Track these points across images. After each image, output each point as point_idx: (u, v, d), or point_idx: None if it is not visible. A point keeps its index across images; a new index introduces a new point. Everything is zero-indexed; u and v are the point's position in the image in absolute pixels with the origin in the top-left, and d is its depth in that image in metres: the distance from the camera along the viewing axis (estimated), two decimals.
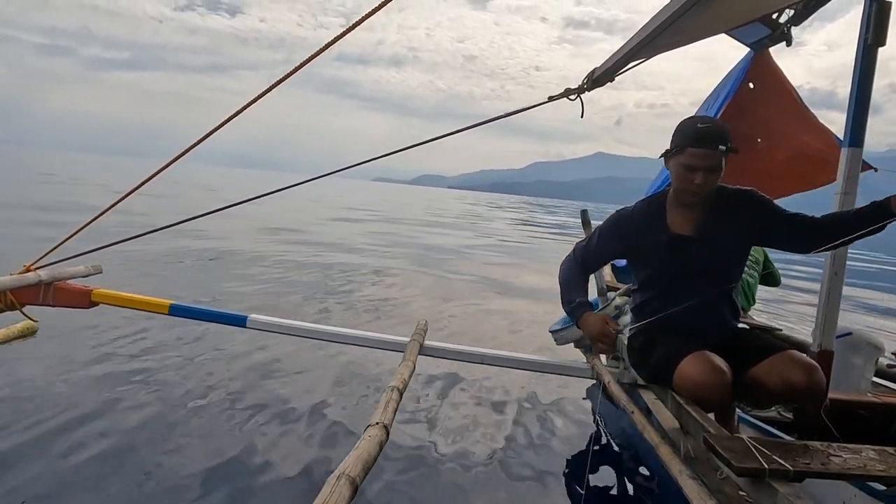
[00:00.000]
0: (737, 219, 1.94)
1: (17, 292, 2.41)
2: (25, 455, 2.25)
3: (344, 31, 2.01)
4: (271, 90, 2.16)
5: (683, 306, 1.91)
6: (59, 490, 2.05)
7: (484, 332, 5.16)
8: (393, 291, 6.63)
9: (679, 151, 1.86)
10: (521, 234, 19.71)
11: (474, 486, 2.34)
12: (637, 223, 2.05)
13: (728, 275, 1.98)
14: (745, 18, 2.59)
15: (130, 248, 3.21)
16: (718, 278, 1.95)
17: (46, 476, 2.12)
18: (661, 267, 1.99)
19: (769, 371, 1.72)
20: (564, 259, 2.27)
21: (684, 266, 1.94)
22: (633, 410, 1.86)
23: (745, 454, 1.28)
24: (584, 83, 2.48)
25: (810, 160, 3.28)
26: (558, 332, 2.88)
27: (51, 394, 2.83)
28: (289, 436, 2.63)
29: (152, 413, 2.72)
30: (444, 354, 2.49)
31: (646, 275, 2.06)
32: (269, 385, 3.23)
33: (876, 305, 9.89)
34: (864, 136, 2.16)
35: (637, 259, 2.10)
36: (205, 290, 5.68)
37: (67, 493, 2.04)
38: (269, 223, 12.86)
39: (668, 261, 1.97)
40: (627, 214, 2.10)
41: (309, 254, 9.05)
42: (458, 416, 3.04)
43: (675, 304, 1.92)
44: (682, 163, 1.85)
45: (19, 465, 2.18)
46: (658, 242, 1.98)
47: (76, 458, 2.26)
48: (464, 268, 9.39)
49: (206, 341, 3.86)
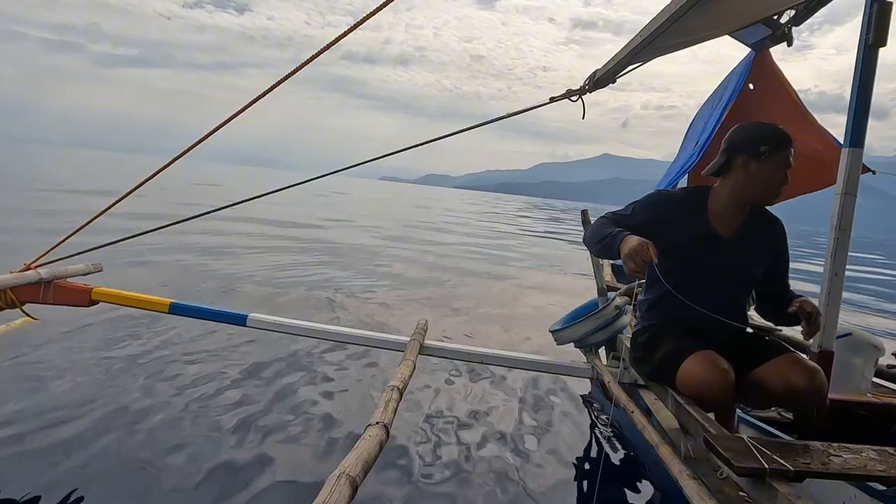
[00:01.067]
0: (766, 238, 2.00)
1: (18, 290, 2.42)
2: (23, 454, 2.25)
3: (348, 30, 2.01)
4: (278, 86, 2.16)
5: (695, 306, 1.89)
6: (59, 490, 2.05)
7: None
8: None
9: (775, 152, 1.86)
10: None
11: (474, 486, 2.34)
12: (679, 206, 2.01)
13: (746, 285, 2.01)
14: (748, 20, 2.59)
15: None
16: (737, 286, 1.98)
17: (44, 475, 2.12)
18: (688, 260, 1.93)
19: (771, 373, 1.73)
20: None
21: (711, 265, 1.93)
22: (633, 410, 1.87)
23: (745, 454, 1.28)
24: (586, 84, 2.48)
25: (811, 161, 3.28)
26: (558, 332, 2.88)
27: (49, 393, 2.83)
28: (289, 435, 2.63)
29: (150, 413, 2.71)
30: (445, 354, 2.49)
31: (668, 266, 1.89)
32: (269, 384, 3.22)
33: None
34: (865, 136, 2.16)
35: (665, 244, 1.90)
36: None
37: (67, 492, 2.04)
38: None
39: (697, 255, 1.94)
40: (671, 194, 2.09)
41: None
42: (458, 415, 3.04)
43: (691, 302, 1.87)
44: (781, 163, 1.86)
45: (20, 464, 2.18)
46: (693, 233, 1.95)
47: (76, 458, 2.25)
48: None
49: (205, 341, 3.86)
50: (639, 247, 1.75)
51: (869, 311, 9.26)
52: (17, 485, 2.04)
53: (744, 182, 1.90)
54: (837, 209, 2.14)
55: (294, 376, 3.39)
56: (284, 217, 14.77)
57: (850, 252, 2.14)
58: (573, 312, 3.20)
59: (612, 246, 1.88)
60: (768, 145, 1.85)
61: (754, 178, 1.88)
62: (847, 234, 2.13)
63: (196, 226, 2.99)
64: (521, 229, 22.31)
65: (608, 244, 1.90)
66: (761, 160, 1.85)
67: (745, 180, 1.90)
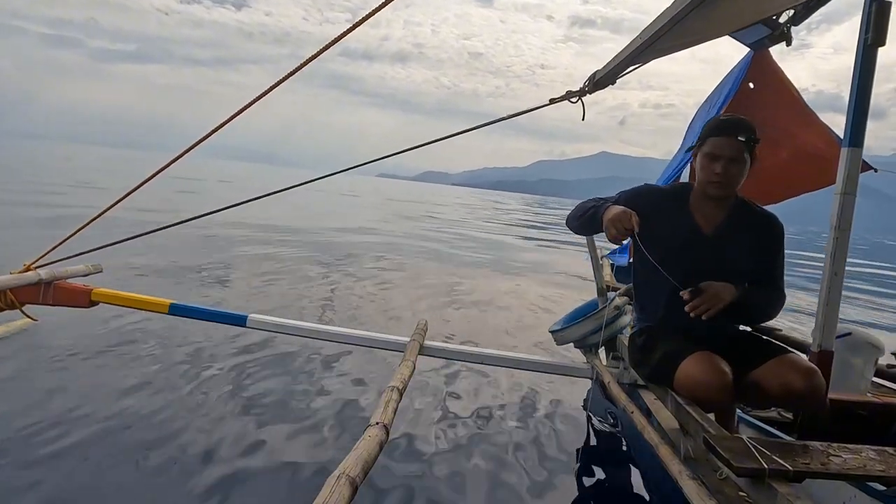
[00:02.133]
0: (753, 235, 1.98)
1: (17, 291, 2.42)
2: (19, 453, 2.25)
3: (350, 28, 2.01)
4: (278, 86, 2.16)
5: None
6: (58, 490, 2.05)
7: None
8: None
9: (702, 142, 1.93)
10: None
11: (474, 486, 2.34)
12: (664, 199, 2.04)
13: (732, 282, 1.95)
14: (749, 20, 2.58)
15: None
16: (726, 279, 1.93)
17: (42, 475, 2.12)
18: (669, 255, 1.93)
19: (768, 375, 1.72)
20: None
21: (692, 260, 1.94)
22: (633, 410, 1.87)
23: (745, 454, 1.28)
24: (586, 86, 2.48)
25: (812, 160, 3.28)
26: (558, 333, 2.88)
27: (50, 393, 2.83)
28: (288, 436, 2.63)
29: (149, 413, 2.71)
30: (444, 354, 2.49)
31: (652, 264, 1.90)
32: (269, 385, 3.22)
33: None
34: (864, 136, 2.16)
35: (650, 233, 1.92)
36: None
37: (66, 493, 2.04)
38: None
39: (679, 249, 1.95)
40: (658, 188, 2.12)
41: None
42: (457, 416, 3.04)
43: (678, 302, 1.90)
44: (705, 152, 1.91)
45: (17, 463, 2.18)
46: (676, 226, 1.98)
47: (74, 458, 2.25)
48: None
49: (205, 341, 3.85)
50: (622, 214, 1.82)
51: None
52: (16, 485, 2.04)
53: (697, 172, 1.97)
54: (837, 209, 2.14)
55: (294, 377, 3.39)
56: (284, 217, 14.77)
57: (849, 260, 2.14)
58: (573, 313, 3.21)
59: (594, 217, 1.93)
60: (706, 135, 1.92)
61: (698, 167, 1.96)
62: (847, 234, 2.13)
63: (196, 226, 2.99)
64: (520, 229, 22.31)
65: (591, 216, 1.96)
66: (700, 149, 1.94)
67: (696, 171, 1.98)
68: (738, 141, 1.86)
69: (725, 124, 1.89)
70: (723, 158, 1.87)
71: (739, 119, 1.91)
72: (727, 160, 1.87)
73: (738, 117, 1.92)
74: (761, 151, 2.74)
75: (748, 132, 1.87)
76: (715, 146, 1.88)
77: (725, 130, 1.87)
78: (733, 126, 1.87)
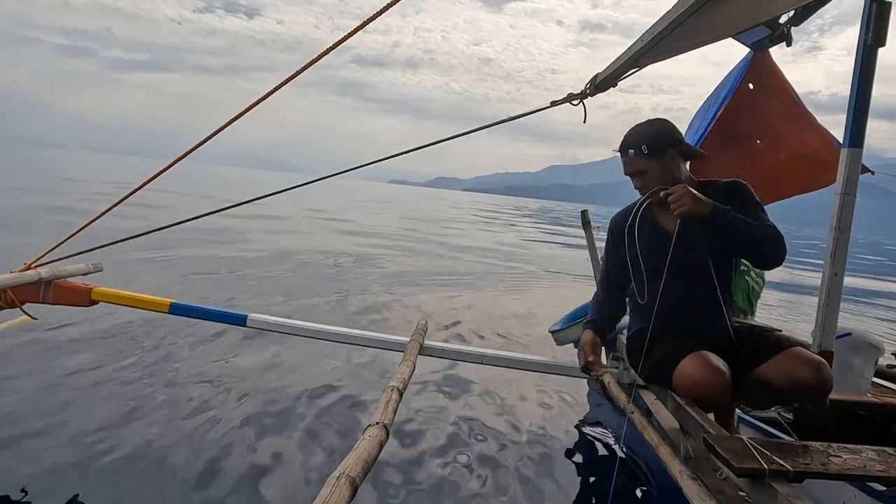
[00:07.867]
0: (723, 204, 1.89)
1: (18, 290, 2.42)
2: (20, 454, 2.25)
3: (355, 29, 2.00)
4: (283, 86, 2.16)
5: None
6: (58, 490, 2.05)
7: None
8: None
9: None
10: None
11: (474, 486, 2.34)
12: (625, 219, 2.12)
13: (714, 273, 1.93)
14: (751, 22, 2.57)
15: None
16: (703, 277, 1.93)
17: (42, 475, 2.12)
18: (646, 263, 2.03)
19: (776, 369, 1.71)
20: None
21: (669, 262, 1.92)
22: (633, 411, 1.86)
23: (744, 454, 1.28)
24: (587, 88, 2.47)
25: (810, 161, 3.28)
26: (558, 333, 2.89)
27: (49, 393, 2.83)
28: (288, 436, 2.63)
29: (149, 413, 2.71)
30: (444, 354, 2.49)
31: (639, 275, 2.07)
32: (269, 385, 3.22)
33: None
34: (864, 136, 2.17)
35: (631, 255, 2.09)
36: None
37: (66, 493, 2.04)
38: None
39: (653, 255, 1.99)
40: (618, 215, 2.21)
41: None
42: (457, 416, 3.04)
43: (667, 302, 1.92)
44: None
45: (16, 463, 2.18)
46: (645, 236, 2.04)
47: (73, 457, 2.25)
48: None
49: (205, 341, 3.86)
50: (581, 346, 2.16)
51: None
52: (14, 485, 2.04)
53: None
54: (837, 209, 2.14)
55: (294, 377, 3.39)
56: (283, 217, 14.78)
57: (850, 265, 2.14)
58: (573, 313, 3.21)
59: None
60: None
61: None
62: (846, 234, 2.13)
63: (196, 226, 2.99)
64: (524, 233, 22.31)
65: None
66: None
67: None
68: (630, 156, 2.00)
69: (621, 144, 2.03)
70: (630, 175, 2.05)
71: (628, 134, 2.03)
72: (633, 175, 2.04)
73: (630, 132, 2.04)
74: (759, 151, 2.76)
75: (636, 144, 1.98)
76: (623, 166, 2.06)
77: (620, 151, 2.04)
78: (623, 145, 2.02)
